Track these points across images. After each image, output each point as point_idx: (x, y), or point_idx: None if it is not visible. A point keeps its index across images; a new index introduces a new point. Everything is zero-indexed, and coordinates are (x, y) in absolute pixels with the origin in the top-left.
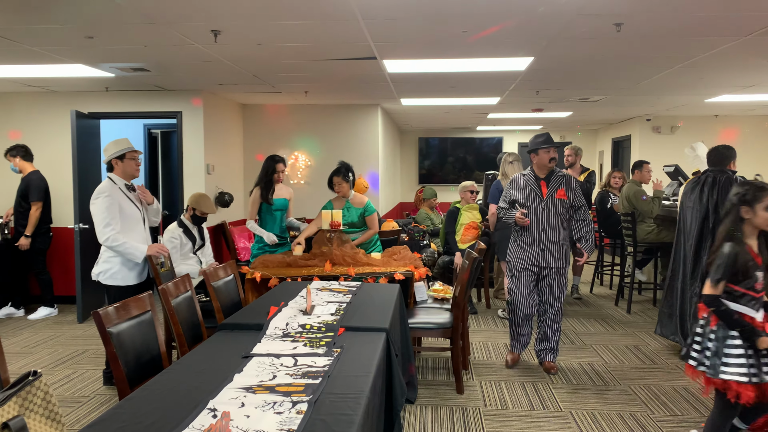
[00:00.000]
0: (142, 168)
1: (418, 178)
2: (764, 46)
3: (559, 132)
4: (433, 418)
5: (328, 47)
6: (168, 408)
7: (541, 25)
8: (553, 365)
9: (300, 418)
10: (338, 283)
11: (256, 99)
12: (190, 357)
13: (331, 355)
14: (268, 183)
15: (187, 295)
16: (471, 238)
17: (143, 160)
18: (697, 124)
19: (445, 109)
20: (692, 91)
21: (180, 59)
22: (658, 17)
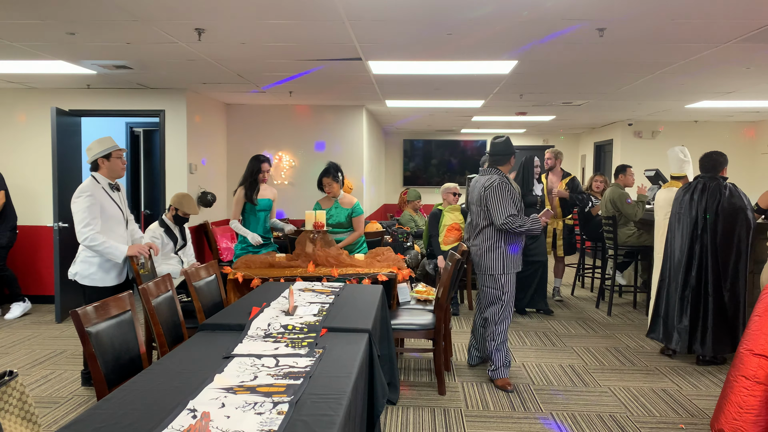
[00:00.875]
0: None
1: (402, 179)
2: (742, 53)
3: (542, 136)
4: (414, 419)
5: (313, 47)
6: (147, 409)
7: (526, 29)
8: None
9: (281, 419)
10: (321, 284)
11: (240, 98)
12: (171, 357)
13: (313, 355)
14: (253, 183)
15: (168, 295)
16: (453, 239)
17: None
18: (677, 129)
19: (429, 111)
20: (673, 96)
21: (163, 57)
22: (639, 23)
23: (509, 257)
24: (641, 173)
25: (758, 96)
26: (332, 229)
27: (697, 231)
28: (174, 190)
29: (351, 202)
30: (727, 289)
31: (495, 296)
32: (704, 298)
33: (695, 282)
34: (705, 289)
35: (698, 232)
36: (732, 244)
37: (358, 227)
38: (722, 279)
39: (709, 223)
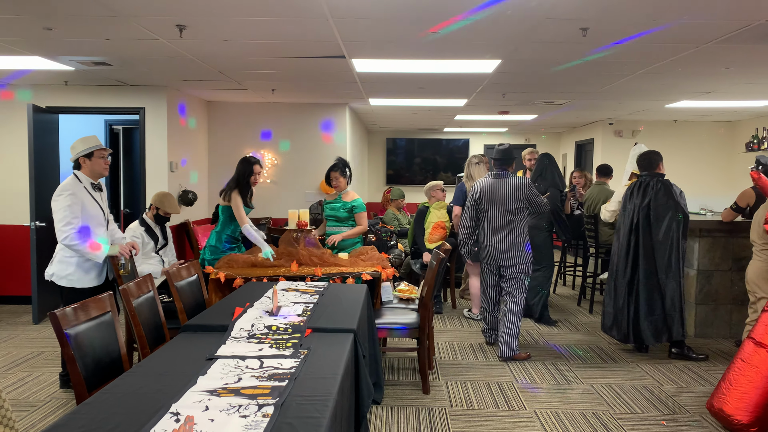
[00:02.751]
0: None
1: (385, 178)
2: (721, 54)
3: (523, 135)
4: (399, 419)
5: (296, 45)
6: (128, 412)
7: (509, 28)
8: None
9: (266, 422)
10: (305, 284)
11: (222, 96)
12: (152, 359)
13: (297, 356)
14: (246, 186)
15: (149, 296)
16: (438, 237)
17: None
18: (657, 128)
19: (413, 109)
20: (653, 96)
21: (144, 54)
22: (621, 23)
23: (527, 253)
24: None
25: (736, 96)
26: (331, 222)
27: (635, 229)
28: (154, 189)
29: (353, 198)
30: (663, 280)
31: (521, 280)
32: (638, 290)
33: (631, 275)
34: (638, 281)
35: (637, 230)
36: (667, 238)
37: (361, 222)
38: (658, 271)
39: (645, 221)
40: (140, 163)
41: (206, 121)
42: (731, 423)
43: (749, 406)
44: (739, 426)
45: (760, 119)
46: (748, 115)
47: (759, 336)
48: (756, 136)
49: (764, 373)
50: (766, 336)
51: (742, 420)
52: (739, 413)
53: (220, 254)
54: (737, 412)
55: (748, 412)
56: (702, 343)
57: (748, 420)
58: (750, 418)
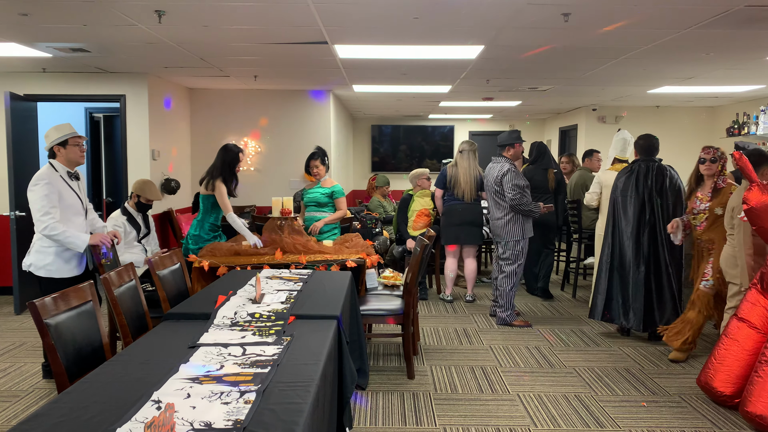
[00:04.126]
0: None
1: (370, 165)
2: (702, 39)
3: (508, 121)
4: (384, 404)
5: (277, 31)
6: (110, 401)
7: (492, 13)
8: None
9: (248, 408)
10: (289, 271)
11: (204, 83)
12: (134, 348)
13: (280, 343)
14: (231, 175)
15: (131, 285)
16: (422, 225)
17: None
18: (639, 114)
19: (397, 96)
20: (635, 82)
21: (123, 40)
22: (603, 8)
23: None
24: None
25: (716, 82)
26: (310, 207)
27: (645, 214)
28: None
29: (331, 184)
30: (672, 267)
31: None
32: (657, 277)
33: (647, 262)
34: (658, 267)
35: (647, 215)
36: None
37: (341, 206)
38: (669, 258)
39: (656, 206)
40: (121, 152)
41: (188, 109)
42: (716, 395)
43: (732, 378)
44: (723, 398)
45: (740, 104)
46: (728, 100)
47: (742, 312)
48: (737, 121)
49: (746, 347)
50: (749, 313)
51: (725, 392)
52: (723, 385)
53: (203, 243)
54: (722, 384)
55: (731, 384)
56: None
57: (731, 392)
58: (733, 389)
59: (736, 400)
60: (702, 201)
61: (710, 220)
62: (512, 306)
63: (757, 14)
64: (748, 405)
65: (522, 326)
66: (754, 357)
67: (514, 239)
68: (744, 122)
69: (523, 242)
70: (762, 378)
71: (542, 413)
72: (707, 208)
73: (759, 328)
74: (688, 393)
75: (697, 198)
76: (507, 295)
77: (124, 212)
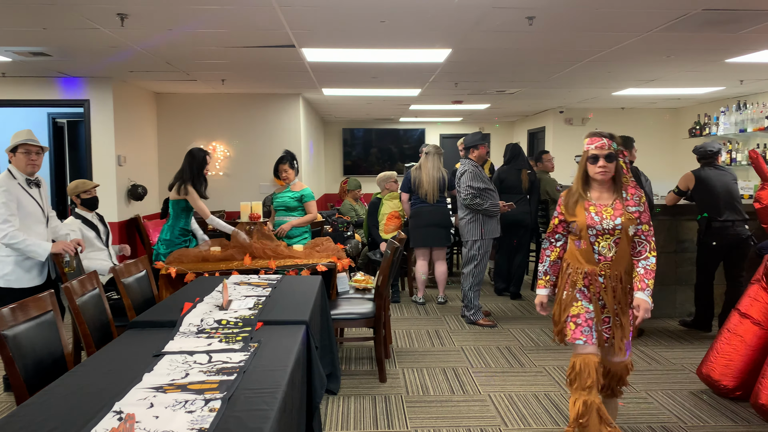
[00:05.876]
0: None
1: (342, 169)
2: (663, 42)
3: (478, 124)
4: (355, 408)
5: (244, 34)
6: (69, 412)
7: (457, 16)
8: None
9: (212, 416)
10: (258, 277)
11: (171, 87)
12: (96, 358)
13: (247, 350)
14: (200, 177)
15: (95, 293)
16: (394, 227)
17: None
18: (606, 116)
19: (367, 99)
20: (600, 84)
21: (85, 44)
22: (566, 12)
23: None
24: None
25: (678, 84)
26: (280, 212)
27: None
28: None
29: (301, 187)
30: None
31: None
32: None
33: None
34: None
35: None
36: None
37: (311, 210)
38: None
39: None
40: (86, 157)
41: (155, 113)
42: (718, 387)
43: (734, 372)
44: (725, 390)
45: (702, 106)
46: (691, 102)
47: (744, 308)
48: (698, 122)
49: (748, 342)
50: (751, 308)
51: (728, 385)
52: (725, 379)
53: (174, 247)
54: (723, 377)
55: (733, 378)
56: (647, 322)
57: (733, 385)
58: (735, 383)
59: (737, 392)
60: (606, 215)
61: (622, 245)
62: (476, 305)
63: (715, 18)
64: (761, 398)
65: (486, 325)
66: (756, 352)
67: (472, 239)
68: (705, 123)
69: (481, 242)
70: None
71: (513, 413)
72: (619, 225)
73: (762, 324)
74: (654, 389)
75: (591, 211)
76: (467, 295)
77: (77, 216)
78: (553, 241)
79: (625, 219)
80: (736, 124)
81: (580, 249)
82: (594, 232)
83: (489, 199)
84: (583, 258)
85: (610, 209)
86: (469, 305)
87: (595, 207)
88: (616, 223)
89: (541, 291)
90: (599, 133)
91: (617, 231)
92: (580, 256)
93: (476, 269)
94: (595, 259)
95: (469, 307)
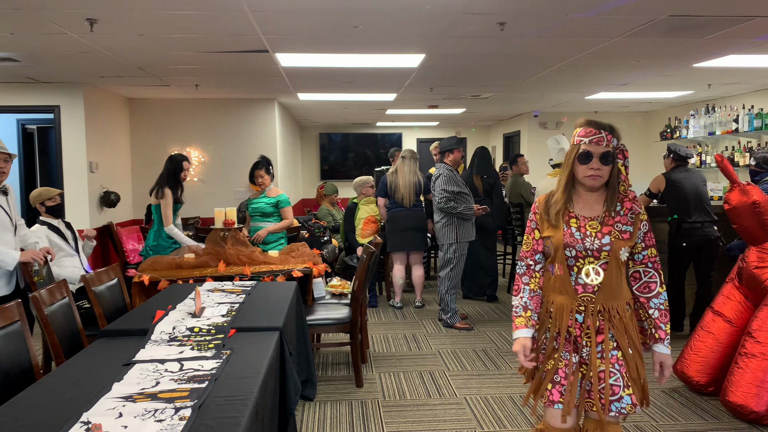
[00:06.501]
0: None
1: (320, 174)
2: (631, 47)
3: (454, 128)
4: (332, 414)
5: (217, 39)
6: (35, 425)
7: (430, 22)
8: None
9: (183, 424)
10: (232, 284)
11: (144, 93)
12: (65, 368)
13: (219, 357)
14: (177, 182)
15: (64, 302)
16: (371, 232)
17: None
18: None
19: (344, 104)
20: (573, 88)
21: (54, 49)
22: (537, 18)
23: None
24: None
25: (648, 88)
26: (256, 217)
27: None
28: (73, 191)
29: (277, 193)
30: None
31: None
32: None
33: None
34: None
35: None
36: None
37: (287, 216)
38: None
39: None
40: (57, 164)
41: (128, 119)
42: (692, 383)
43: (707, 369)
44: (698, 386)
45: (672, 109)
46: (661, 105)
47: (717, 306)
48: (669, 125)
49: (720, 339)
50: (724, 306)
51: (701, 381)
52: (698, 375)
53: (163, 251)
54: (697, 374)
55: (706, 374)
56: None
57: (706, 381)
58: (707, 379)
59: (710, 388)
60: (591, 231)
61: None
62: (453, 309)
63: (680, 24)
64: (729, 395)
65: (463, 329)
66: (727, 348)
67: (447, 242)
68: (676, 126)
69: (456, 246)
70: (742, 369)
71: (488, 415)
72: (607, 246)
73: (733, 322)
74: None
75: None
76: (443, 298)
77: (43, 224)
78: (531, 264)
79: (614, 238)
80: (705, 127)
81: (554, 275)
82: (573, 254)
83: (463, 203)
84: (557, 288)
85: (597, 224)
86: (446, 309)
87: (578, 220)
88: (603, 242)
89: (521, 332)
90: (598, 123)
91: (604, 254)
92: (555, 284)
93: (452, 272)
94: (572, 290)
95: (446, 311)
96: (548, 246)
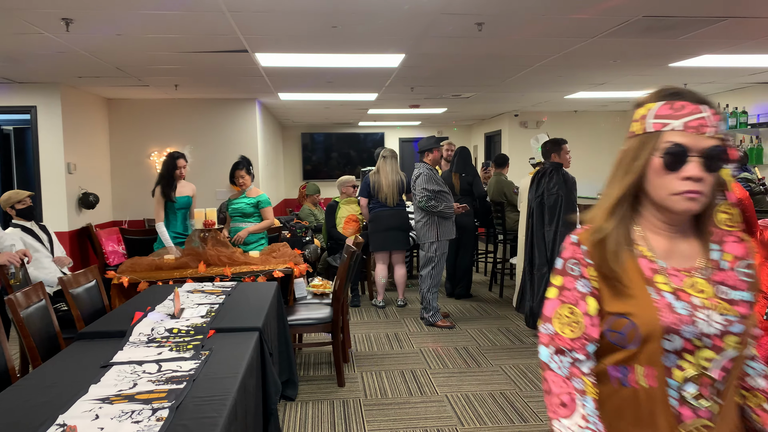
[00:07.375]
0: None
1: (302, 174)
2: (606, 47)
3: (436, 127)
4: (314, 414)
5: (196, 39)
6: (10, 427)
7: (408, 22)
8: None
9: (160, 425)
10: (212, 284)
11: (122, 93)
12: (41, 370)
13: (198, 358)
14: (170, 180)
15: (41, 305)
16: (352, 231)
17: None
18: (559, 119)
19: (325, 104)
20: (552, 88)
21: (30, 49)
22: (514, 18)
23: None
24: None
25: (626, 87)
26: (236, 218)
27: (532, 217)
28: (51, 192)
29: (257, 193)
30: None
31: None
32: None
33: (529, 264)
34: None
35: (528, 217)
36: (553, 225)
37: (268, 216)
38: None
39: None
40: (34, 166)
41: (107, 120)
42: None
43: None
44: None
45: None
46: None
47: None
48: None
49: None
50: None
51: None
52: None
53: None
54: None
55: None
56: None
57: None
58: None
59: None
60: (699, 297)
61: (733, 376)
62: (434, 307)
63: (654, 24)
64: None
65: (444, 327)
66: None
67: (429, 241)
68: None
69: (437, 244)
70: None
71: (469, 412)
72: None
73: None
74: None
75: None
76: (425, 296)
77: (15, 225)
78: (582, 359)
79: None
80: None
81: (629, 389)
82: (677, 344)
83: (444, 202)
84: (634, 417)
85: (701, 281)
86: (427, 307)
87: (667, 278)
88: (729, 318)
89: None
90: (693, 93)
91: (732, 340)
92: (628, 409)
93: (434, 271)
94: (672, 418)
95: (428, 309)
96: (623, 330)
